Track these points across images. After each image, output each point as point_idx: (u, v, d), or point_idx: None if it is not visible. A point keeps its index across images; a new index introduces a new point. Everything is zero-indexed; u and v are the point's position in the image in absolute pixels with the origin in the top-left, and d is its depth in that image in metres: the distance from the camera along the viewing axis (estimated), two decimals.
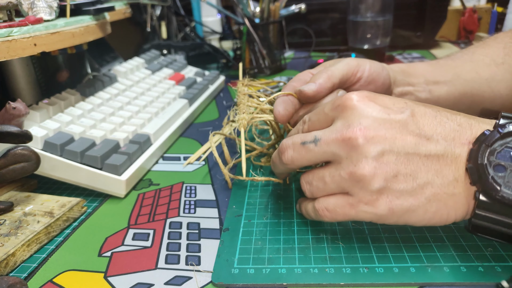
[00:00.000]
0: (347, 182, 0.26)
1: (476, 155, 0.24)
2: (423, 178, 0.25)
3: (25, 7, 0.45)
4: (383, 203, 0.26)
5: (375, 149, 0.25)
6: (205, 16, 1.02)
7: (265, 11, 0.75)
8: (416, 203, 0.25)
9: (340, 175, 0.27)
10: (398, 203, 0.25)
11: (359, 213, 0.27)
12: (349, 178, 0.26)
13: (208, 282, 0.28)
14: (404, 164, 0.25)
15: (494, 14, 0.88)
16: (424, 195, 0.25)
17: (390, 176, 0.25)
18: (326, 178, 0.28)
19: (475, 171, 0.24)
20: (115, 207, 0.38)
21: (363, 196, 0.26)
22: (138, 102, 0.53)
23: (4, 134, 0.33)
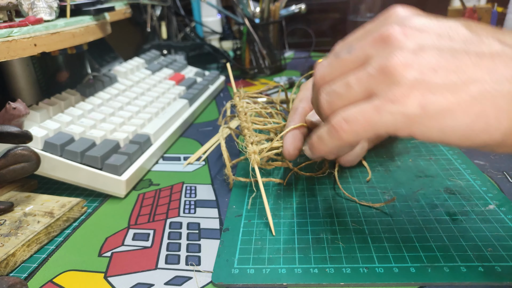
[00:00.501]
0: (375, 79, 0.22)
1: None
2: (469, 74, 0.21)
3: (25, 7, 0.45)
4: (415, 99, 0.21)
5: (414, 42, 0.22)
6: (205, 16, 1.02)
7: (265, 11, 0.75)
8: (455, 100, 0.21)
9: (368, 73, 0.22)
10: (433, 99, 0.21)
11: (384, 116, 0.22)
12: (378, 74, 0.22)
13: (208, 282, 0.28)
14: (447, 60, 0.21)
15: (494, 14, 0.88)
16: (468, 92, 0.20)
17: (428, 68, 0.21)
18: (351, 80, 0.23)
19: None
20: (115, 207, 0.38)
21: (391, 92, 0.22)
22: (138, 102, 0.54)
23: (4, 134, 0.33)
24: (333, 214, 0.34)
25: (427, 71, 0.21)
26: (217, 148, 0.49)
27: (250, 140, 0.36)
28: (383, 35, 0.22)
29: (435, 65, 0.21)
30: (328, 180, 0.39)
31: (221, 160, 0.46)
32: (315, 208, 0.35)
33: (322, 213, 0.34)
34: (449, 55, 0.21)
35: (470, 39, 0.21)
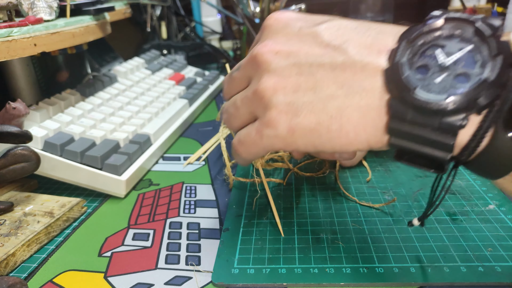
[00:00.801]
0: (253, 102, 0.24)
1: (395, 54, 0.20)
2: (325, 91, 0.22)
3: (25, 7, 0.45)
4: (284, 122, 0.23)
5: (278, 63, 0.23)
6: (205, 16, 1.02)
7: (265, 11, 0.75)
8: (316, 120, 0.22)
9: (247, 96, 0.25)
10: (297, 122, 0.22)
11: (264, 139, 0.24)
12: (254, 97, 0.24)
13: (208, 282, 0.28)
14: (306, 77, 0.23)
15: (494, 14, 0.88)
16: (326, 111, 0.22)
17: (290, 91, 0.23)
18: (237, 102, 0.26)
19: (390, 72, 0.20)
20: (115, 207, 0.38)
21: (266, 116, 0.23)
22: (138, 102, 0.53)
23: (4, 134, 0.33)
24: (333, 214, 0.34)
25: (290, 93, 0.23)
26: (217, 148, 0.49)
27: None
28: (253, 55, 0.25)
29: (296, 86, 0.23)
30: (328, 180, 0.39)
31: (221, 160, 0.46)
32: (315, 208, 0.35)
33: (322, 213, 0.34)
34: (307, 72, 0.23)
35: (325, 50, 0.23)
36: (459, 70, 0.19)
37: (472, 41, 0.19)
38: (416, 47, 0.20)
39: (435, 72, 0.19)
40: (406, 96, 0.19)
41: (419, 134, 0.20)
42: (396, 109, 0.20)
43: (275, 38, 0.24)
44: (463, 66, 0.19)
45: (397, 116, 0.20)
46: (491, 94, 0.18)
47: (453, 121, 0.19)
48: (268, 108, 0.23)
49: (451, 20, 0.20)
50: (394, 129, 0.20)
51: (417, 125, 0.19)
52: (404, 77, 0.19)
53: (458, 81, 0.19)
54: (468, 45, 0.19)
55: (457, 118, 0.18)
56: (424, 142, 0.20)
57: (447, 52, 0.20)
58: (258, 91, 0.24)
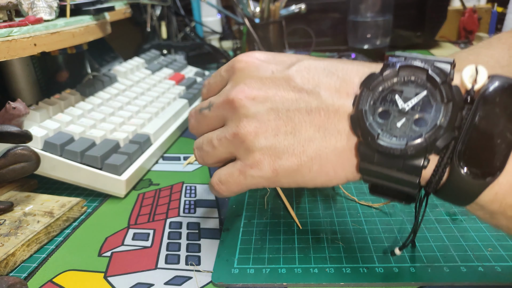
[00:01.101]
0: (232, 144, 0.26)
1: (358, 101, 0.22)
2: (303, 134, 0.24)
3: (25, 7, 0.45)
4: (267, 164, 0.24)
5: (256, 109, 0.25)
6: (205, 16, 1.02)
7: (265, 11, 0.75)
8: (298, 162, 0.24)
9: (226, 137, 0.26)
10: (280, 164, 0.24)
11: (248, 178, 0.25)
12: (234, 139, 0.25)
13: (208, 282, 0.28)
14: (284, 122, 0.24)
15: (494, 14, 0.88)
16: (306, 153, 0.23)
17: (271, 135, 0.24)
18: (214, 142, 0.27)
19: (355, 119, 0.22)
20: (115, 207, 0.38)
21: (248, 158, 0.25)
22: (138, 102, 0.53)
23: (4, 134, 0.33)
24: (333, 214, 0.34)
25: (271, 137, 0.24)
26: None
27: None
28: (229, 99, 0.26)
29: (276, 130, 0.24)
30: None
31: None
32: (315, 208, 0.35)
33: (322, 213, 0.34)
34: (285, 116, 0.24)
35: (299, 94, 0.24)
36: (417, 115, 0.21)
37: (426, 86, 0.21)
38: (377, 94, 0.22)
39: (396, 117, 0.21)
40: (370, 142, 0.21)
41: (387, 173, 0.22)
42: (364, 153, 0.22)
43: (250, 83, 0.25)
44: (420, 110, 0.21)
45: (365, 159, 0.22)
46: (446, 138, 0.20)
47: (415, 163, 0.20)
48: (251, 151, 0.25)
49: (405, 67, 0.22)
50: (364, 169, 0.22)
51: (384, 166, 0.21)
52: (368, 124, 0.21)
53: (417, 125, 0.21)
54: (423, 90, 0.21)
55: (418, 160, 0.20)
56: (392, 180, 0.22)
57: (405, 97, 0.21)
58: (239, 135, 0.25)
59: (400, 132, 0.21)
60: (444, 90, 0.20)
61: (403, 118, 0.21)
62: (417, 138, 0.20)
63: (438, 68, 0.21)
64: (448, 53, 0.48)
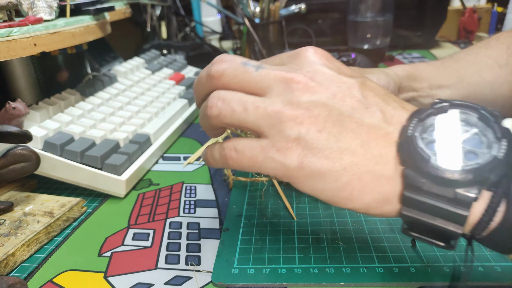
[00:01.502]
0: (269, 119, 0.24)
1: (406, 129, 0.22)
2: (346, 143, 0.22)
3: (25, 7, 0.45)
4: (296, 154, 0.23)
5: (312, 98, 0.23)
6: (205, 16, 1.02)
7: (265, 11, 0.75)
8: (329, 167, 0.22)
9: (265, 109, 0.24)
10: (310, 160, 0.23)
11: (267, 159, 0.24)
12: (274, 115, 0.23)
13: (208, 282, 0.28)
14: (333, 123, 0.23)
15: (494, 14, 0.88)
16: (341, 162, 0.22)
17: (315, 129, 0.23)
18: (249, 105, 0.24)
19: (404, 145, 0.21)
20: (115, 207, 0.38)
21: (279, 140, 0.23)
22: (138, 102, 0.53)
23: (4, 134, 0.33)
24: (333, 214, 0.34)
25: (314, 131, 0.23)
26: None
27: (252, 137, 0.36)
28: (288, 76, 0.24)
29: (321, 127, 0.23)
30: None
31: None
32: (315, 208, 0.35)
33: (322, 213, 0.34)
34: (336, 118, 0.23)
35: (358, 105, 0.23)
36: (468, 148, 0.20)
37: (477, 125, 0.21)
38: (427, 125, 0.22)
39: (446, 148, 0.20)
40: (422, 165, 0.20)
41: (434, 204, 0.20)
42: (412, 179, 0.20)
43: (314, 72, 0.24)
44: (471, 145, 0.20)
45: (412, 186, 0.20)
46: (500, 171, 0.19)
47: (467, 193, 0.19)
48: (286, 135, 0.23)
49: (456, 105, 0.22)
50: (408, 198, 0.21)
51: (432, 195, 0.20)
52: (419, 148, 0.20)
53: (468, 158, 0.20)
54: (473, 128, 0.21)
55: (470, 191, 0.19)
56: (438, 213, 0.20)
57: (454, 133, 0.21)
58: (283, 115, 0.23)
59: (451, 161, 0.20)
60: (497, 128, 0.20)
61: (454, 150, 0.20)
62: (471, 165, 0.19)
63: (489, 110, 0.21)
64: (448, 53, 0.48)
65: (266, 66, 0.25)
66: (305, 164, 0.23)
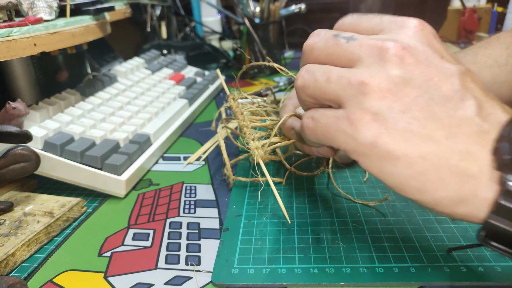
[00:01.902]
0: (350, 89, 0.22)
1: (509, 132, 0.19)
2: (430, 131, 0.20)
3: (25, 7, 0.45)
4: (371, 130, 0.21)
5: (404, 74, 0.21)
6: (205, 16, 1.02)
7: (265, 11, 0.75)
8: (404, 150, 0.20)
9: (348, 79, 0.22)
10: (385, 140, 0.21)
11: (339, 131, 0.22)
12: (356, 86, 0.22)
13: (208, 282, 0.28)
14: (421, 106, 0.21)
15: (494, 14, 0.88)
16: (418, 148, 0.20)
17: (399, 108, 0.21)
18: (332, 76, 0.23)
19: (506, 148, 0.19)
20: (115, 207, 0.38)
21: (355, 112, 0.21)
22: (138, 102, 0.53)
23: (4, 134, 0.33)
24: (333, 214, 0.34)
25: (397, 110, 0.21)
26: (217, 148, 0.49)
27: (251, 137, 0.36)
28: (384, 47, 0.22)
29: (407, 108, 0.21)
30: (327, 180, 0.39)
31: (221, 160, 0.46)
32: (315, 208, 0.35)
33: (322, 213, 0.34)
34: (425, 102, 0.21)
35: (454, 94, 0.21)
36: None
37: None
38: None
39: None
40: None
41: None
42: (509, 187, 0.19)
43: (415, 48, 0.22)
44: None
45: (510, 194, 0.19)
46: None
47: None
48: (365, 107, 0.21)
49: None
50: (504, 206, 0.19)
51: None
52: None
53: None
54: None
55: None
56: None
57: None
58: (367, 85, 0.21)
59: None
60: None
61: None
62: None
63: None
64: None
65: (358, 37, 0.23)
66: (380, 143, 0.21)
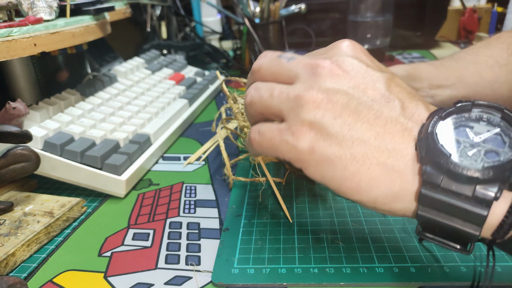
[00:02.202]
0: (289, 103, 0.24)
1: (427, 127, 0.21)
2: (360, 133, 0.22)
3: (25, 7, 0.45)
4: (308, 138, 0.23)
5: (334, 84, 0.24)
6: (205, 16, 1.02)
7: (265, 11, 0.75)
8: (339, 154, 0.22)
9: (287, 94, 0.25)
10: (321, 145, 0.23)
11: (282, 142, 0.24)
12: (293, 99, 0.24)
13: (208, 282, 0.28)
14: (350, 111, 0.23)
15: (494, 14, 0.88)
16: (351, 150, 0.22)
17: (331, 115, 0.23)
18: (275, 92, 0.26)
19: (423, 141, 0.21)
20: (115, 207, 0.38)
21: (294, 123, 0.24)
22: (138, 102, 0.53)
23: (4, 134, 0.33)
24: (333, 214, 0.34)
25: (329, 117, 0.23)
26: (217, 148, 0.49)
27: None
28: (315, 63, 0.25)
29: (338, 114, 0.23)
30: None
31: (221, 160, 0.46)
32: (315, 208, 0.35)
33: (322, 213, 0.34)
34: (354, 107, 0.23)
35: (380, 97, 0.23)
36: (489, 147, 0.20)
37: (499, 125, 0.21)
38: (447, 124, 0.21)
39: (466, 146, 0.20)
40: (442, 161, 0.20)
41: (451, 202, 0.19)
42: (430, 175, 0.20)
43: (343, 61, 0.25)
44: (492, 145, 0.20)
45: (430, 182, 0.20)
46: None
47: (487, 191, 0.19)
48: (301, 119, 0.24)
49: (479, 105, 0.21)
50: (425, 197, 0.20)
51: (450, 193, 0.19)
52: (439, 145, 0.20)
53: (489, 156, 0.20)
54: (495, 128, 0.20)
55: (491, 189, 0.19)
56: (455, 212, 0.20)
57: (475, 132, 0.21)
58: (302, 98, 0.24)
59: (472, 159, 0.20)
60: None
61: (474, 149, 0.20)
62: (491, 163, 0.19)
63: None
64: (448, 53, 0.48)
65: (298, 57, 0.26)
66: (316, 148, 0.23)
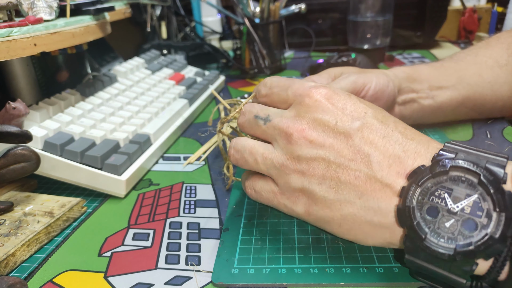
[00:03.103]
0: (276, 170, 0.27)
1: (406, 195, 0.22)
2: (344, 195, 0.25)
3: (25, 7, 0.45)
4: (302, 203, 0.27)
5: (310, 152, 0.26)
6: (205, 16, 1.02)
7: (265, 11, 0.75)
8: (331, 215, 0.26)
9: (272, 161, 0.27)
10: (315, 209, 0.26)
11: (280, 204, 0.28)
12: (279, 167, 0.27)
13: (208, 282, 0.28)
14: (331, 175, 0.25)
15: (494, 14, 0.88)
16: (341, 212, 0.25)
17: (316, 182, 0.25)
18: (258, 157, 0.28)
19: (403, 213, 0.22)
20: (115, 207, 0.38)
21: (287, 190, 0.27)
22: (138, 102, 0.53)
23: (4, 134, 0.33)
24: None
25: (315, 183, 0.26)
26: (217, 148, 0.49)
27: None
28: (288, 132, 0.26)
29: (321, 180, 0.25)
30: None
31: (221, 160, 0.46)
32: None
33: None
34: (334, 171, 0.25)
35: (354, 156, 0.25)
36: (467, 216, 0.21)
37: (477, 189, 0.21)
38: (425, 189, 0.22)
39: (444, 216, 0.21)
40: (418, 242, 0.22)
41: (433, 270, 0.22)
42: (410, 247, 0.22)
43: (312, 125, 0.26)
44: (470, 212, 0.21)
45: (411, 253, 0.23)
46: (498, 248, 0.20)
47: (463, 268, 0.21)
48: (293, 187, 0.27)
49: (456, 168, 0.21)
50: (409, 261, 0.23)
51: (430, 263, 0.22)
52: (416, 223, 0.22)
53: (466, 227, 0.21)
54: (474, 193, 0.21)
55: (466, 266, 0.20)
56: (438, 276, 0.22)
57: (454, 197, 0.21)
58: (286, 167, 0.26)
59: (448, 233, 0.21)
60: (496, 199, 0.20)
61: (452, 219, 0.21)
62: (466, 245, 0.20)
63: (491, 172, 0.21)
64: (448, 53, 0.48)
65: (272, 118, 0.28)
66: (311, 212, 0.26)
